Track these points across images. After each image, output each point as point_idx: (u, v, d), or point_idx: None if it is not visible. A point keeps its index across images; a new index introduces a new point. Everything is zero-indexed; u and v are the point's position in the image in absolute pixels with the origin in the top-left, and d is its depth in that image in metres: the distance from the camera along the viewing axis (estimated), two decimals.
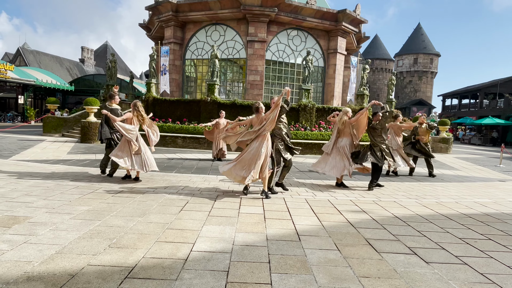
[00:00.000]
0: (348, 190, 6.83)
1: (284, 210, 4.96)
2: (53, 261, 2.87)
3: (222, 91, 20.25)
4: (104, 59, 51.68)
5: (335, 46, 19.19)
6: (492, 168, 12.28)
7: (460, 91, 46.10)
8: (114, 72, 19.47)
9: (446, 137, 18.20)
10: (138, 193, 5.53)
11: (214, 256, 3.14)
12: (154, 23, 20.91)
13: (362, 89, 18.12)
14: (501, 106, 35.65)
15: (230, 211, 4.72)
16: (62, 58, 47.20)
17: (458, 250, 3.61)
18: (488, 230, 4.44)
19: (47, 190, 5.47)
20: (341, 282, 2.74)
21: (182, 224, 4.02)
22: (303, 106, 15.59)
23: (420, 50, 62.19)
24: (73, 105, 31.83)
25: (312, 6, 17.49)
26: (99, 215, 4.21)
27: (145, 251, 3.16)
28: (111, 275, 2.65)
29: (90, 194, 5.30)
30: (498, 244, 3.88)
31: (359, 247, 3.55)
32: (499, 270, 3.13)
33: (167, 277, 2.67)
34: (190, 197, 5.45)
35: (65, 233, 3.54)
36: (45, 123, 16.70)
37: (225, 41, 18.56)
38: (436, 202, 6.07)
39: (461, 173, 10.63)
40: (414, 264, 3.16)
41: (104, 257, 2.99)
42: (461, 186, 8.14)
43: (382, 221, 4.62)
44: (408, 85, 63.52)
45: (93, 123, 14.35)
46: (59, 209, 4.42)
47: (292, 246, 3.49)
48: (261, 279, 2.72)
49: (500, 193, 7.41)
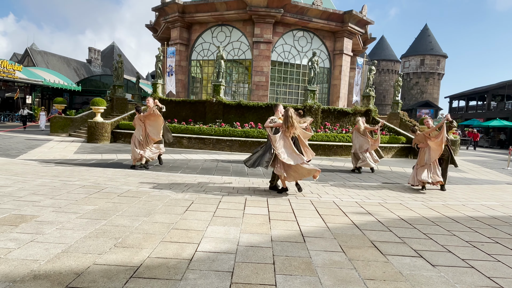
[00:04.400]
0: (353, 192, 6.80)
1: (289, 211, 4.95)
2: (59, 259, 2.89)
3: (228, 92, 20.30)
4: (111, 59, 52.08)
5: (341, 47, 19.14)
6: (500, 171, 12.15)
7: (467, 92, 45.67)
8: (120, 72, 19.61)
9: (453, 139, 18.03)
10: (144, 193, 5.56)
11: (218, 256, 3.14)
12: (160, 24, 21.05)
13: (368, 91, 18.03)
14: (509, 108, 35.28)
15: (235, 212, 4.72)
16: (69, 59, 47.69)
17: (465, 253, 3.58)
18: (496, 233, 4.39)
19: (54, 189, 5.52)
20: (346, 284, 2.73)
21: (187, 224, 4.04)
22: (308, 107, 15.56)
23: (427, 51, 61.76)
24: (80, 105, 32.11)
25: (318, 7, 17.47)
26: (105, 215, 4.24)
27: (150, 251, 3.17)
28: (117, 275, 2.67)
29: (96, 194, 5.34)
30: (506, 247, 3.83)
31: (364, 249, 3.53)
32: (507, 274, 3.09)
33: (172, 277, 2.67)
34: (195, 198, 5.46)
35: (71, 232, 3.57)
36: (52, 123, 16.88)
37: (230, 42, 18.61)
38: (442, 204, 6.02)
39: (468, 176, 10.53)
40: (420, 267, 3.14)
41: (109, 256, 3.01)
42: (468, 188, 8.06)
43: (388, 223, 4.59)
44: (415, 87, 63.09)
45: (100, 123, 14.46)
46: (66, 208, 4.45)
47: (296, 248, 3.48)
48: (266, 280, 2.71)
49: (508, 196, 7.33)
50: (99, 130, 14.33)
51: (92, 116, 16.54)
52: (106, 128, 14.54)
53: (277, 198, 5.77)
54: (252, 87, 18.29)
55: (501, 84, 40.04)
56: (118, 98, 19.52)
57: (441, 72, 62.45)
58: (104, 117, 17.07)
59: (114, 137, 15.01)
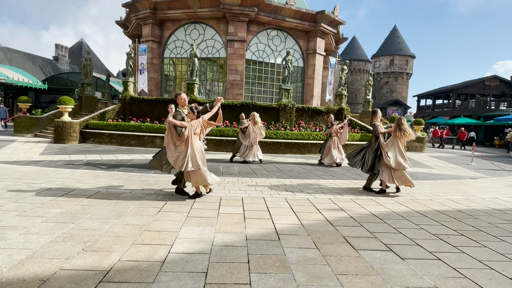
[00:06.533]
0: (327, 188, 6.91)
1: (264, 209, 4.96)
2: (23, 266, 2.75)
3: (202, 91, 20.09)
4: (80, 57, 50.14)
5: (314, 47, 19.42)
6: (464, 166, 12.75)
7: (434, 91, 47.66)
8: (89, 70, 18.94)
9: (421, 136, 18.75)
10: (115, 195, 5.40)
11: (192, 257, 3.09)
12: (131, 20, 20.49)
13: (341, 90, 18.40)
14: (472, 106, 37.10)
15: (209, 212, 4.67)
16: (34, 56, 45.46)
17: (432, 246, 3.72)
18: (461, 226, 4.60)
19: (18, 192, 5.24)
20: (320, 280, 2.76)
21: (160, 226, 3.95)
22: (283, 106, 15.67)
23: (396, 52, 63.84)
24: (46, 104, 30.66)
25: (291, 7, 17.61)
26: (73, 218, 4.07)
27: (121, 254, 3.07)
28: (85, 280, 2.57)
29: (64, 196, 5.13)
30: (470, 239, 4.02)
31: (337, 245, 3.59)
32: (471, 264, 3.24)
33: (144, 280, 2.61)
34: (169, 198, 5.36)
35: (36, 237, 3.41)
36: (17, 123, 16.03)
37: (204, 40, 18.41)
38: (411, 199, 6.24)
39: (435, 171, 10.97)
40: (390, 261, 3.23)
41: (77, 261, 2.90)
42: (435, 183, 8.40)
43: (360, 218, 4.70)
44: (385, 86, 65.04)
45: (67, 122, 13.88)
46: (31, 212, 4.24)
47: (271, 246, 3.49)
48: (240, 280, 2.70)
49: (472, 190, 7.70)
50: (66, 130, 13.76)
51: (59, 115, 15.87)
52: (74, 128, 13.99)
53: (252, 197, 5.77)
54: (227, 86, 18.19)
55: (465, 83, 42.11)
56: (87, 97, 18.84)
57: (410, 72, 64.75)
58: (72, 117, 16.43)
59: (83, 137, 14.47)
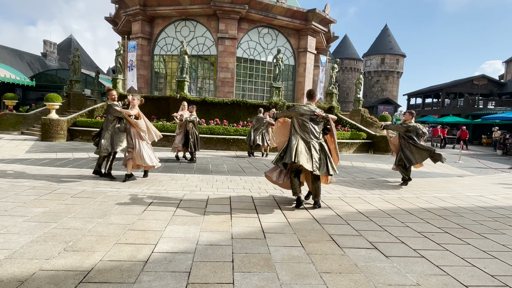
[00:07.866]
0: None
1: (251, 208, 4.95)
2: (1, 267, 2.69)
3: (193, 88, 19.97)
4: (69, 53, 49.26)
5: (305, 45, 19.44)
6: (452, 164, 12.91)
7: (423, 90, 48.20)
8: (78, 66, 18.69)
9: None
10: (100, 194, 5.32)
11: (176, 256, 3.06)
12: (121, 17, 20.25)
13: (331, 88, 18.48)
14: (461, 105, 37.60)
15: (196, 210, 4.64)
16: (22, 52, 44.64)
17: (417, 243, 3.75)
18: (445, 223, 4.64)
19: (0, 191, 5.13)
20: (303, 278, 2.76)
21: (145, 225, 3.90)
22: (273, 104, 15.66)
23: (387, 51, 64.39)
24: (34, 101, 30.13)
25: (282, 5, 17.59)
26: (56, 217, 4.00)
27: (103, 254, 3.03)
28: (65, 280, 2.52)
29: (48, 195, 5.04)
30: (454, 237, 4.06)
31: (322, 243, 3.60)
32: (454, 262, 3.27)
33: (125, 280, 2.57)
34: (155, 197, 5.31)
35: (16, 236, 3.33)
36: (2, 120, 15.74)
37: (195, 37, 18.29)
38: (398, 197, 6.29)
39: (423, 169, 11.07)
40: (374, 259, 3.24)
41: (58, 261, 2.84)
42: (422, 181, 8.49)
43: (346, 216, 4.71)
44: (376, 85, 65.57)
45: (55, 120, 13.66)
46: (12, 211, 4.15)
47: (256, 244, 3.47)
48: (223, 279, 2.68)
49: (458, 188, 7.80)
50: (54, 128, 13.55)
51: (46, 112, 15.61)
52: (61, 126, 13.78)
53: (240, 195, 5.75)
54: (217, 84, 18.11)
55: (454, 82, 42.69)
56: (75, 94, 18.59)
57: (400, 70, 65.38)
58: (60, 114, 16.20)
59: (71, 135, 14.26)
